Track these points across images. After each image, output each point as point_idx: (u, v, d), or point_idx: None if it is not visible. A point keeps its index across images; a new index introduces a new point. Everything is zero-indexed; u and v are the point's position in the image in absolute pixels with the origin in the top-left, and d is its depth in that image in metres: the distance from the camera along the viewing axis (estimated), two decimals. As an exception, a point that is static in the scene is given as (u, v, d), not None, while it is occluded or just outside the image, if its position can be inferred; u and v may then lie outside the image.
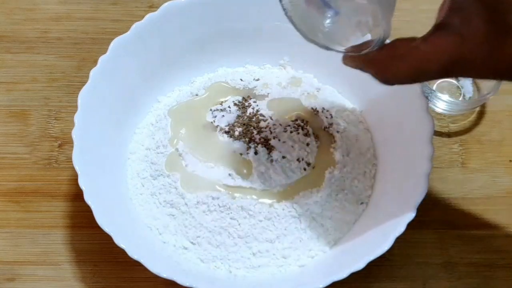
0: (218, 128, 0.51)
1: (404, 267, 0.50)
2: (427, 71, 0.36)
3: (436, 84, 0.57)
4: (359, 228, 0.49)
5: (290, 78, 0.56)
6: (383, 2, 0.35)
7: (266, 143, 0.50)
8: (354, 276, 0.43)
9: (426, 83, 0.54)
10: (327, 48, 0.39)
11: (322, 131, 0.52)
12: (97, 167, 0.48)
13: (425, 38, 0.35)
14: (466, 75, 0.43)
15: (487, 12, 0.33)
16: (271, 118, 0.52)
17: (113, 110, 0.51)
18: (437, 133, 0.55)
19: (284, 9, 0.39)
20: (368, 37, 0.37)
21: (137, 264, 0.43)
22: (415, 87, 0.49)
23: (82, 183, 0.45)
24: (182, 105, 0.54)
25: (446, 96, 0.54)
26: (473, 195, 0.53)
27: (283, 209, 0.48)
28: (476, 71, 0.36)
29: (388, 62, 0.36)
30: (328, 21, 0.38)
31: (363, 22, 0.37)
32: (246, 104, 0.53)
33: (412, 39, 0.36)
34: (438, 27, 0.35)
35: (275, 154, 0.49)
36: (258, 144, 0.50)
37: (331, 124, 0.52)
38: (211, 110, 0.53)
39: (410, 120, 0.49)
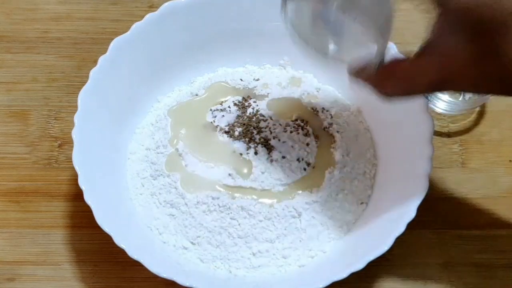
0: (218, 128, 0.51)
1: (404, 267, 0.50)
2: (415, 89, 0.39)
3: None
4: (359, 228, 0.49)
5: (290, 78, 0.55)
6: (375, 27, 0.38)
7: (266, 143, 0.50)
8: (354, 276, 0.43)
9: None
10: (336, 61, 0.42)
11: (322, 131, 0.52)
12: (97, 167, 0.48)
13: (412, 59, 0.38)
14: (458, 90, 0.48)
15: (471, 33, 0.34)
16: (271, 118, 0.52)
17: (113, 110, 0.51)
18: (437, 133, 0.55)
19: (292, 35, 0.41)
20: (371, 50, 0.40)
21: (137, 264, 0.43)
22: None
23: (82, 183, 0.45)
24: (182, 105, 0.54)
25: (446, 96, 0.54)
26: (473, 195, 0.53)
27: (283, 209, 0.48)
28: (467, 88, 0.39)
29: (384, 80, 0.40)
30: (334, 39, 0.41)
31: (364, 40, 0.39)
32: (246, 104, 0.53)
33: (405, 59, 0.39)
34: (425, 48, 0.37)
35: (275, 154, 0.49)
36: (258, 144, 0.50)
37: (331, 124, 0.52)
38: (211, 110, 0.53)
39: (410, 120, 0.49)
